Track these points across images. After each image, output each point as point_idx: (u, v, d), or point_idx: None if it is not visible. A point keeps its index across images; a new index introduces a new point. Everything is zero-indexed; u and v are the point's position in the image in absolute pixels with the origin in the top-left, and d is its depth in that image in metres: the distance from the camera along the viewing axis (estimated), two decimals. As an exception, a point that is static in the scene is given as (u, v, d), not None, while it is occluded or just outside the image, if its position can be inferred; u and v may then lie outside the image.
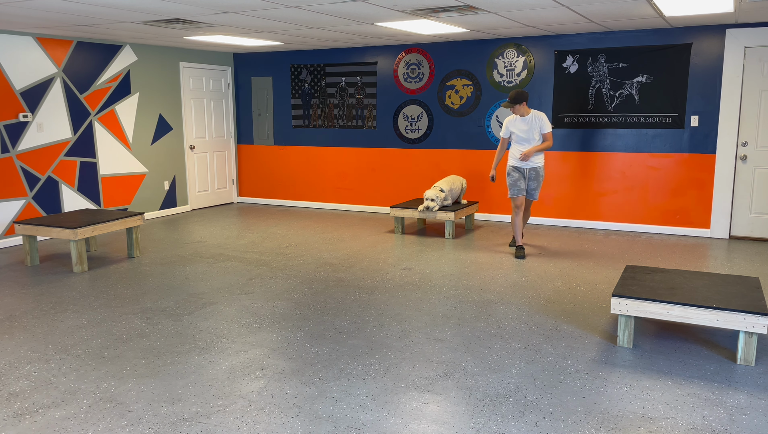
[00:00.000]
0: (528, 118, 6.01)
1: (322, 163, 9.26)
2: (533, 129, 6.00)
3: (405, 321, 4.33)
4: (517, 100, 5.94)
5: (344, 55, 8.83)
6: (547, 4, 5.34)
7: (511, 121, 6.09)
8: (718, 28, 6.75)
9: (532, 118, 6.00)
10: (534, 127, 5.99)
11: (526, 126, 6.01)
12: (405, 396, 3.21)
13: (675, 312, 3.68)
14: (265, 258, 6.18)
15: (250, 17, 5.88)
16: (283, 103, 9.40)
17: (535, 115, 6.00)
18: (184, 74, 8.85)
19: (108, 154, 7.90)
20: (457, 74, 8.16)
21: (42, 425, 2.93)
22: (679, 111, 7.05)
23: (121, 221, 6.08)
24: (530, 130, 6.01)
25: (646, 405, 3.10)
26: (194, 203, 9.25)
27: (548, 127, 6.00)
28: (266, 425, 2.92)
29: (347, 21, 6.17)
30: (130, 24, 6.25)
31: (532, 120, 6.00)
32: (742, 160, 6.87)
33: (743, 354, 3.59)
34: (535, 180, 6.13)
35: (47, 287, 5.23)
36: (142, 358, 3.71)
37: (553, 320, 4.36)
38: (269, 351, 3.80)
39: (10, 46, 6.70)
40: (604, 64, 7.29)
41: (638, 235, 7.23)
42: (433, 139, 8.43)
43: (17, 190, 6.89)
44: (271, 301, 4.81)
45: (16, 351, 3.83)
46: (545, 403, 3.12)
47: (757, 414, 3.01)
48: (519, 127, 6.03)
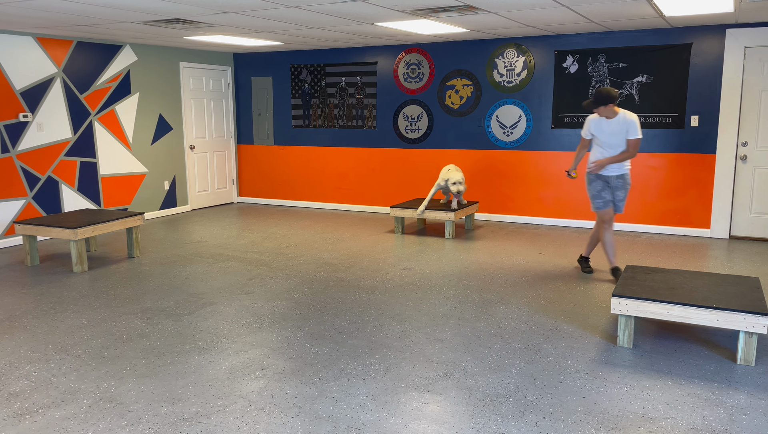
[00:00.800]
0: (616, 121, 5.07)
1: (322, 163, 9.26)
2: (620, 133, 5.07)
3: (405, 321, 4.33)
4: (602, 101, 5.02)
5: (344, 55, 8.83)
6: (547, 4, 5.34)
7: (595, 121, 5.18)
8: (718, 28, 6.75)
9: (621, 120, 5.06)
10: (621, 131, 5.06)
11: (612, 129, 5.08)
12: (405, 396, 3.21)
13: (675, 312, 3.68)
14: (265, 258, 6.18)
15: (250, 17, 5.88)
16: (283, 103, 9.40)
17: (625, 118, 5.05)
18: (184, 74, 8.85)
19: (108, 154, 7.90)
20: (457, 74, 8.16)
21: (42, 425, 2.93)
22: (679, 111, 7.05)
23: (121, 221, 6.08)
24: (617, 134, 5.08)
25: (646, 405, 3.10)
26: (194, 203, 9.25)
27: (636, 132, 5.03)
28: (266, 425, 2.92)
29: (347, 21, 6.17)
30: (130, 24, 6.25)
31: (621, 123, 5.05)
32: (742, 160, 6.87)
33: (743, 354, 3.59)
34: (623, 189, 5.27)
35: (47, 287, 5.23)
36: (142, 358, 3.71)
37: (553, 320, 4.36)
38: (269, 351, 3.80)
39: (10, 46, 6.70)
40: (604, 64, 7.29)
41: (638, 235, 7.23)
42: (433, 139, 8.43)
43: (17, 190, 6.89)
44: (271, 301, 4.81)
45: (16, 351, 3.83)
46: (545, 403, 3.12)
47: (757, 414, 3.01)
48: (603, 129, 5.12)
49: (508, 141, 7.96)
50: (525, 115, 7.82)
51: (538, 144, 7.81)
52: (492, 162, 8.09)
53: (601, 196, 5.26)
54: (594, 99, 5.05)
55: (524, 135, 7.86)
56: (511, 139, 7.94)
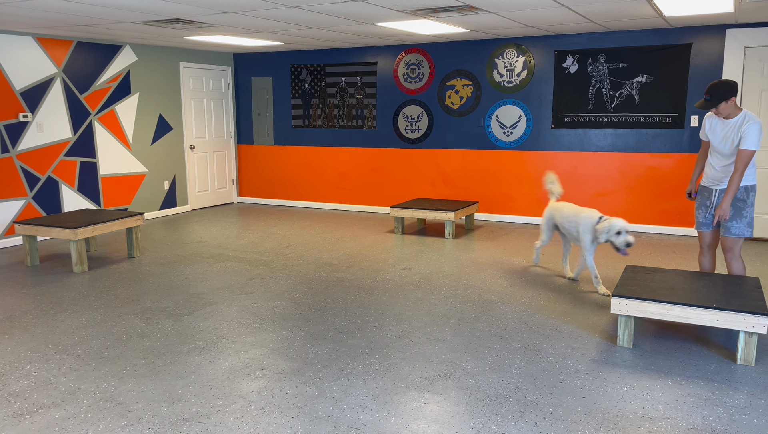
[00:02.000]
0: (733, 123, 4.07)
1: (322, 163, 9.26)
2: (731, 138, 4.07)
3: (405, 321, 4.33)
4: (721, 95, 4.00)
5: (344, 55, 8.83)
6: (547, 4, 5.34)
7: (710, 119, 4.23)
8: (718, 28, 6.75)
9: (739, 123, 4.04)
10: (734, 137, 4.05)
11: (725, 133, 4.11)
12: (405, 396, 3.21)
13: (675, 312, 3.68)
14: (265, 258, 6.18)
15: (250, 17, 5.88)
16: (283, 103, 9.40)
17: (745, 120, 4.02)
18: (184, 74, 8.85)
19: (108, 154, 7.90)
20: (457, 74, 8.16)
21: (42, 425, 2.93)
22: (679, 111, 7.04)
23: (121, 221, 6.08)
24: (727, 139, 4.09)
25: (646, 405, 3.10)
26: (194, 203, 9.25)
27: (751, 142, 3.95)
28: (266, 425, 2.92)
29: (347, 21, 6.17)
30: (130, 24, 6.25)
31: (737, 126, 4.04)
32: (742, 160, 6.86)
33: (743, 354, 3.59)
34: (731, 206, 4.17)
35: (47, 287, 5.23)
36: (142, 358, 3.71)
37: (553, 320, 4.36)
38: (269, 351, 3.80)
39: (10, 46, 6.70)
40: (604, 64, 7.29)
41: (638, 235, 7.22)
42: (433, 139, 8.43)
43: (17, 189, 6.89)
44: (271, 301, 4.81)
45: (16, 351, 3.83)
46: (545, 403, 3.12)
47: (757, 414, 3.01)
48: (717, 132, 4.16)
49: (508, 141, 7.96)
50: (525, 115, 7.82)
51: (538, 144, 7.81)
52: (492, 162, 8.09)
53: (696, 215, 4.37)
54: (709, 95, 4.01)
55: (524, 135, 7.86)
56: (511, 139, 7.94)
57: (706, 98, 4.02)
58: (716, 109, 4.05)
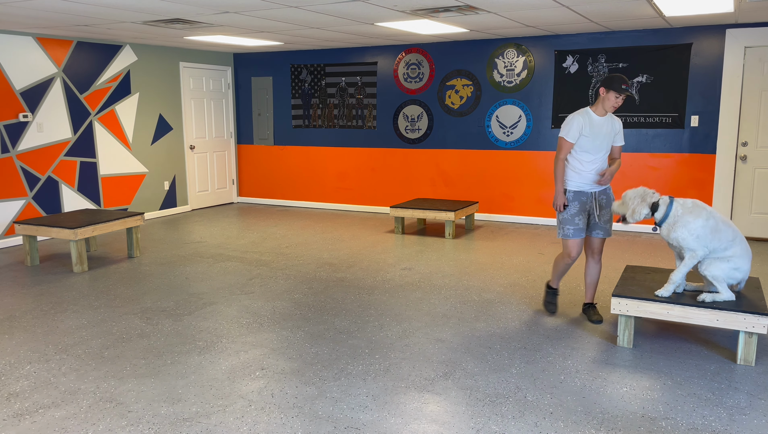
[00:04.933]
0: (609, 118, 4.14)
1: (322, 163, 9.26)
2: (612, 134, 4.14)
3: (405, 321, 4.33)
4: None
5: (344, 55, 8.83)
6: (547, 4, 5.33)
7: (585, 117, 4.08)
8: (718, 28, 6.75)
9: (610, 118, 4.14)
10: (612, 132, 4.15)
11: (606, 127, 4.12)
12: (405, 396, 3.21)
13: (675, 312, 3.68)
14: (265, 258, 6.17)
15: (250, 17, 5.87)
16: (283, 103, 9.40)
17: (613, 115, 4.17)
18: (184, 74, 8.85)
19: (108, 154, 7.90)
20: (457, 74, 8.16)
21: (42, 425, 2.93)
22: (679, 111, 7.04)
23: (121, 221, 6.08)
24: (609, 135, 4.13)
25: (646, 405, 3.10)
26: (194, 203, 9.25)
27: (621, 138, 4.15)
28: (266, 425, 2.91)
29: (347, 21, 6.17)
30: (130, 24, 6.25)
31: (612, 121, 4.15)
32: (742, 160, 6.87)
33: (743, 354, 3.59)
34: (609, 206, 4.23)
35: (47, 287, 5.23)
36: (142, 358, 3.71)
37: (553, 320, 4.35)
38: (269, 351, 3.80)
39: (10, 46, 6.70)
40: (604, 64, 7.29)
41: (638, 235, 7.22)
42: (433, 139, 8.43)
43: (17, 189, 6.89)
44: (271, 301, 4.80)
45: (16, 351, 3.83)
46: (545, 403, 3.12)
47: (757, 414, 3.01)
48: (596, 129, 4.09)
49: (508, 141, 7.96)
50: (525, 115, 7.82)
51: (538, 144, 7.80)
52: (492, 162, 8.09)
53: (574, 223, 4.15)
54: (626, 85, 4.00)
55: (524, 135, 7.85)
56: (511, 139, 7.93)
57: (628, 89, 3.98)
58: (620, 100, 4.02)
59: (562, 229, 4.19)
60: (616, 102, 4.00)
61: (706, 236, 3.65)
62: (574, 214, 4.13)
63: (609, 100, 4.00)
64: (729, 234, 3.67)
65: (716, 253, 3.68)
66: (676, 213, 3.72)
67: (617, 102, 4.00)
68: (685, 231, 3.66)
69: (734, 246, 3.66)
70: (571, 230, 4.14)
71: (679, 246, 3.75)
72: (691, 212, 3.70)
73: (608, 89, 3.98)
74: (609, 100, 4.00)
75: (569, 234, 4.16)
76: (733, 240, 3.66)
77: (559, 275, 4.43)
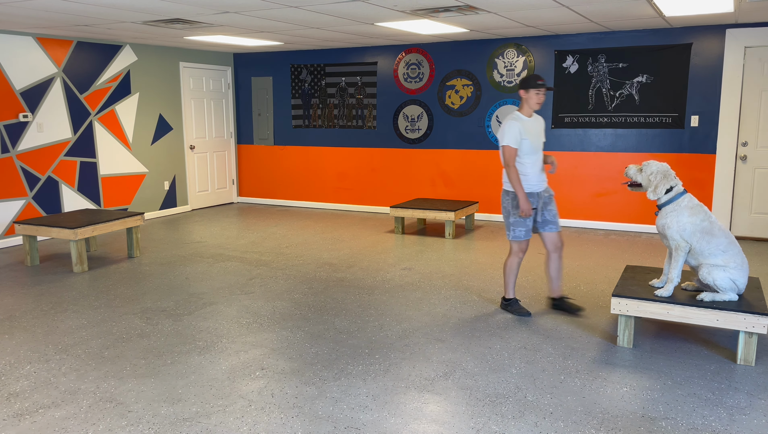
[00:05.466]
0: (536, 117, 4.38)
1: (322, 163, 9.26)
2: (541, 131, 4.38)
3: (405, 321, 4.33)
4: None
5: (344, 55, 8.83)
6: (547, 4, 5.33)
7: (519, 123, 4.23)
8: (718, 28, 6.75)
9: (535, 116, 4.38)
10: (541, 129, 4.38)
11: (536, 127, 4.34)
12: (405, 396, 3.21)
13: (675, 312, 3.68)
14: (265, 258, 6.17)
15: (250, 17, 5.87)
16: (283, 103, 9.40)
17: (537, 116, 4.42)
18: (184, 74, 8.85)
19: (108, 154, 7.90)
20: (457, 74, 8.16)
21: (42, 425, 2.93)
22: (679, 111, 7.04)
23: (121, 221, 6.08)
24: (540, 133, 4.36)
25: (646, 405, 3.10)
26: (194, 203, 9.25)
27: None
28: (266, 425, 2.91)
29: (347, 21, 6.17)
30: (130, 24, 6.25)
31: (538, 120, 4.39)
32: (742, 160, 6.87)
33: (743, 354, 3.59)
34: (553, 202, 4.43)
35: (47, 287, 5.23)
36: (142, 358, 3.71)
37: (553, 320, 4.35)
38: (269, 351, 3.80)
39: (10, 46, 6.70)
40: (604, 64, 7.29)
41: (638, 235, 7.22)
42: (433, 139, 8.43)
43: (17, 190, 6.89)
44: (271, 301, 4.80)
45: (16, 351, 3.83)
46: (545, 403, 3.12)
47: (757, 414, 3.01)
48: (530, 131, 4.27)
49: (508, 141, 7.95)
50: (525, 115, 7.81)
51: (538, 144, 7.80)
52: (492, 162, 8.09)
53: (525, 224, 4.30)
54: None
55: (524, 135, 7.84)
56: (511, 139, 7.92)
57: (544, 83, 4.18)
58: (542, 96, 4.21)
59: (512, 231, 4.33)
60: (538, 98, 4.20)
61: (694, 233, 3.69)
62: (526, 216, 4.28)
63: (531, 98, 4.21)
64: (722, 243, 3.68)
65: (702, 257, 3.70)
66: (681, 202, 3.75)
67: (539, 98, 4.20)
68: (673, 221, 3.72)
69: (726, 255, 3.67)
70: (523, 231, 4.32)
71: (663, 234, 3.80)
72: (691, 208, 3.73)
73: (527, 89, 4.20)
74: (531, 98, 4.21)
75: (521, 235, 4.33)
76: (725, 251, 3.67)
77: (513, 281, 4.49)
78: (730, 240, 3.71)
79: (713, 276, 3.63)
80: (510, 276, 4.46)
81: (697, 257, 3.73)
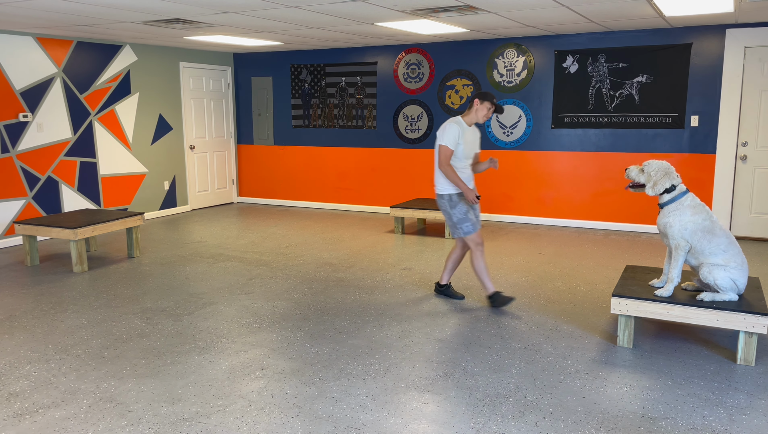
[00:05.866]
0: (474, 128, 4.60)
1: (322, 163, 9.26)
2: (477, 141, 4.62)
3: (405, 321, 4.33)
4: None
5: (344, 55, 8.83)
6: (547, 4, 5.34)
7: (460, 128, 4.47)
8: (718, 28, 6.75)
9: (473, 128, 4.60)
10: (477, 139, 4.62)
11: (473, 137, 4.58)
12: (405, 396, 3.21)
13: (675, 312, 3.68)
14: (265, 258, 6.18)
15: (250, 17, 5.87)
16: (283, 103, 9.40)
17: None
18: (184, 74, 8.85)
19: (108, 154, 7.90)
20: (457, 74, 8.16)
21: (42, 425, 2.93)
22: (679, 111, 7.05)
23: (121, 221, 6.08)
24: (475, 143, 4.60)
25: (646, 405, 3.10)
26: (194, 203, 9.25)
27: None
28: (266, 425, 2.91)
29: (347, 21, 6.17)
30: (130, 24, 6.25)
31: (475, 131, 4.61)
32: (742, 160, 6.87)
33: (743, 354, 3.59)
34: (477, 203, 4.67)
35: (47, 287, 5.23)
36: (142, 358, 3.71)
37: (553, 320, 4.36)
38: (269, 351, 3.80)
39: (10, 46, 6.70)
40: (604, 64, 7.29)
41: (638, 235, 7.22)
42: (433, 139, 8.43)
43: (17, 190, 6.89)
44: (271, 301, 4.81)
45: (16, 351, 3.83)
46: (545, 403, 3.12)
47: (757, 414, 3.01)
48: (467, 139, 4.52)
49: (508, 141, 7.96)
50: (525, 115, 7.82)
51: (538, 144, 7.80)
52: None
53: (468, 218, 4.50)
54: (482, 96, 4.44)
55: (524, 135, 7.86)
56: (511, 139, 7.94)
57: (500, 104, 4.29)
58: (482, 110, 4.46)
59: (461, 229, 4.52)
60: (488, 113, 4.45)
61: (695, 233, 3.68)
62: (465, 212, 4.51)
63: (481, 111, 4.44)
64: (722, 242, 3.68)
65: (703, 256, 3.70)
66: (684, 202, 3.75)
67: (489, 113, 4.45)
68: (675, 220, 3.72)
69: (726, 255, 3.66)
70: (470, 225, 4.52)
71: (664, 233, 3.79)
72: (693, 207, 3.73)
73: (482, 101, 4.43)
74: (481, 111, 4.44)
75: (469, 229, 4.52)
76: (726, 250, 3.67)
77: (487, 273, 4.62)
78: (731, 240, 3.71)
79: (714, 275, 3.63)
80: (479, 271, 4.60)
81: (697, 256, 3.73)
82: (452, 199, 4.49)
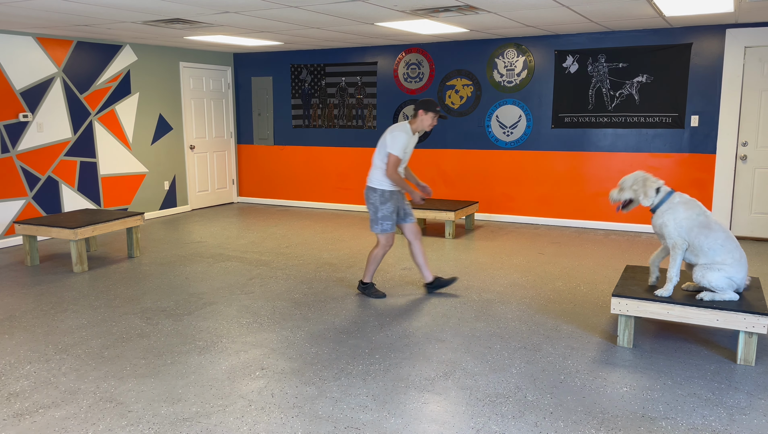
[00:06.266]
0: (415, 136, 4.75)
1: (322, 163, 9.26)
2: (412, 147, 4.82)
3: (405, 321, 4.33)
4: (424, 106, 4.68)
5: (344, 55, 8.83)
6: (547, 4, 5.34)
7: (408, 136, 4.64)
8: (718, 28, 6.75)
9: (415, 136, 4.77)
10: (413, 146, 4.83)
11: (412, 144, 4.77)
12: (405, 396, 3.21)
13: (675, 312, 3.68)
14: (265, 258, 6.17)
15: (250, 17, 5.87)
16: (283, 103, 9.40)
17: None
18: (184, 74, 8.85)
19: (108, 154, 7.90)
20: (457, 74, 8.16)
21: (42, 425, 2.93)
22: (679, 111, 7.05)
23: (121, 221, 6.08)
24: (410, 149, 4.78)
25: (646, 405, 3.10)
26: (194, 203, 9.25)
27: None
28: (266, 425, 2.91)
29: (347, 21, 6.17)
30: (130, 24, 6.25)
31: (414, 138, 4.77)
32: (742, 160, 6.87)
33: (743, 354, 3.59)
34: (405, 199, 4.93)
35: (47, 287, 5.23)
36: (142, 358, 3.71)
37: (553, 320, 4.36)
38: (269, 351, 3.80)
39: (10, 46, 6.70)
40: (604, 64, 7.29)
41: (638, 235, 7.22)
42: (433, 139, 8.43)
43: (17, 190, 6.89)
44: (271, 301, 4.81)
45: (16, 351, 3.83)
46: (545, 403, 3.12)
47: (757, 414, 3.01)
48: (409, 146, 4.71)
49: (508, 141, 7.96)
50: (525, 115, 7.82)
51: (538, 144, 7.81)
52: (492, 162, 8.09)
53: (391, 217, 4.72)
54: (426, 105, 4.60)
55: (524, 135, 7.86)
56: (511, 139, 7.94)
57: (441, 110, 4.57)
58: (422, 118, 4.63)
59: (381, 225, 4.73)
60: (434, 122, 4.65)
61: (691, 229, 3.68)
62: (392, 211, 4.73)
63: (427, 120, 4.62)
64: (720, 237, 3.67)
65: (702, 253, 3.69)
66: (673, 201, 3.76)
67: (435, 122, 4.66)
68: (670, 218, 3.72)
69: (724, 254, 3.66)
70: (389, 224, 4.74)
71: (661, 233, 3.80)
72: (684, 203, 3.74)
73: (427, 111, 4.60)
74: (427, 120, 4.62)
75: (388, 228, 4.74)
76: (723, 245, 3.66)
77: (374, 269, 4.89)
78: (727, 234, 3.71)
79: (707, 278, 3.63)
80: (372, 264, 4.86)
81: (697, 253, 3.73)
82: (384, 195, 4.70)
